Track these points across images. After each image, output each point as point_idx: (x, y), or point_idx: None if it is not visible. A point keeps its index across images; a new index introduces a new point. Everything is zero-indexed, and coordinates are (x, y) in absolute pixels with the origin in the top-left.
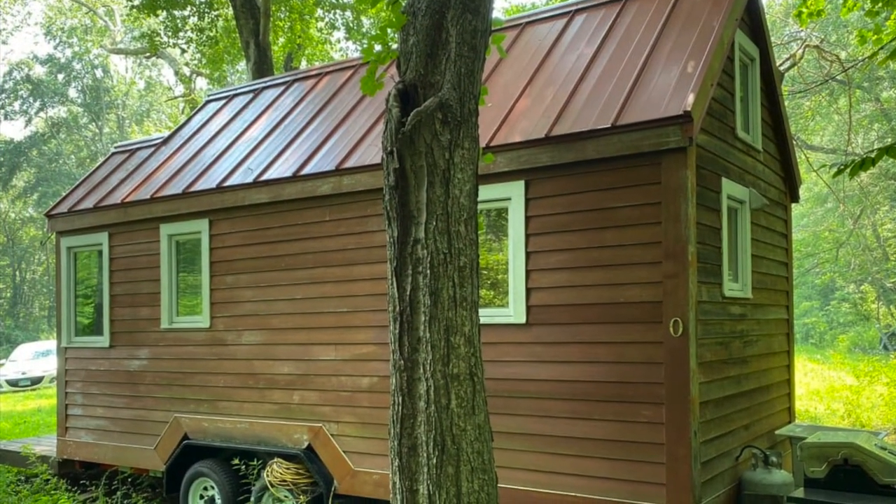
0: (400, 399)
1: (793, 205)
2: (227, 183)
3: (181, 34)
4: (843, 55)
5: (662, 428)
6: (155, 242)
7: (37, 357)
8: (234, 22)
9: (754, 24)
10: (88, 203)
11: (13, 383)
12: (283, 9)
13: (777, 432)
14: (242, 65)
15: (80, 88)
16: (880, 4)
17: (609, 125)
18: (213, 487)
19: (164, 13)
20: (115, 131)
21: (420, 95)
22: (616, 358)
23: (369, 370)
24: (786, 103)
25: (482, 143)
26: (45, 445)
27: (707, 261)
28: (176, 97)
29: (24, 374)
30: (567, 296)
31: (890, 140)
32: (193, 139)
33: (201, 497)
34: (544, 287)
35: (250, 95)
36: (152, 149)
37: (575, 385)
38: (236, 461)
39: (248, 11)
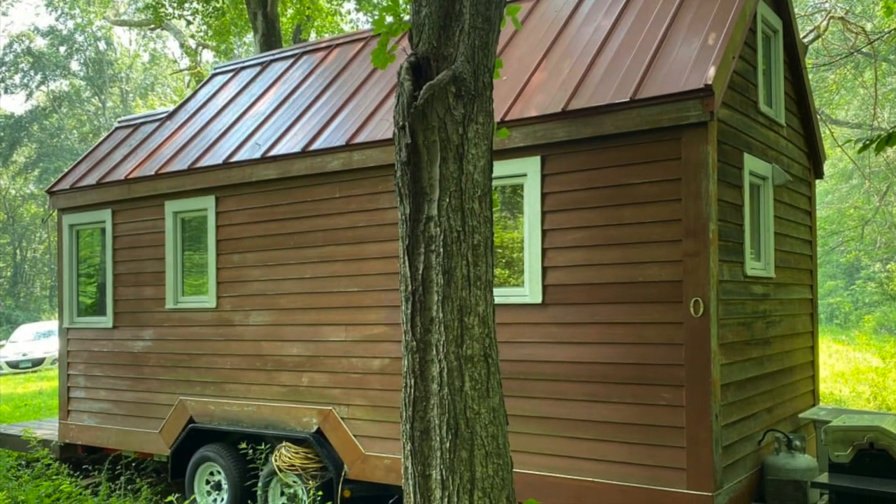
0: (412, 381)
1: (817, 181)
2: (234, 159)
3: (186, 5)
4: (868, 27)
5: (683, 411)
6: (160, 220)
7: (38, 338)
8: None
9: None
10: (91, 179)
11: (13, 365)
12: None
13: (801, 416)
14: (250, 37)
15: (82, 61)
16: None
17: (627, 99)
18: (219, 472)
19: None
20: (119, 105)
21: (433, 68)
22: (635, 339)
23: (380, 351)
24: (810, 77)
25: (497, 118)
26: (47, 429)
27: (728, 239)
28: (181, 70)
29: (24, 355)
30: (584, 275)
31: None
32: (199, 114)
33: (207, 482)
34: (561, 266)
35: (258, 68)
36: (157, 123)
37: (592, 367)
38: (243, 445)
39: None
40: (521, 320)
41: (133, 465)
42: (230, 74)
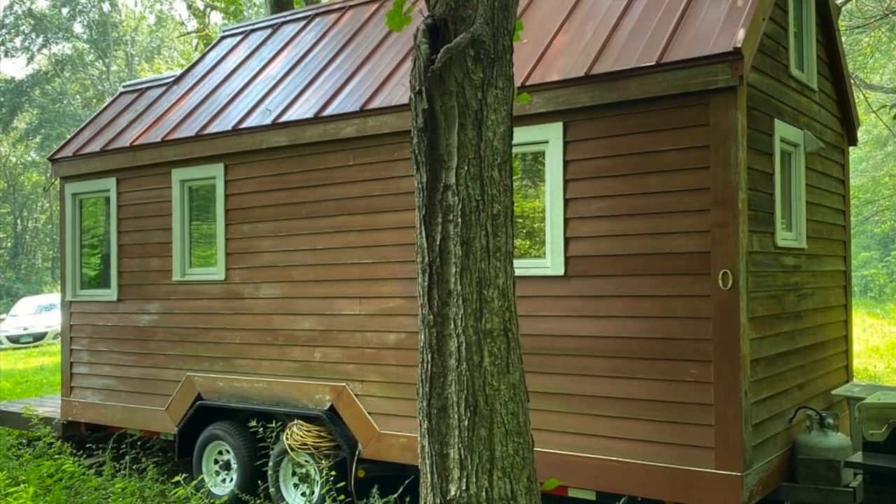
0: (429, 356)
1: (850, 148)
2: (244, 125)
3: None
4: None
5: (711, 387)
6: (166, 188)
7: (39, 312)
8: None
9: None
10: (95, 146)
11: (14, 340)
12: None
13: (833, 392)
14: None
15: (85, 23)
16: None
17: (653, 63)
18: (228, 451)
19: None
20: (124, 69)
21: (450, 31)
22: (661, 312)
23: (396, 325)
24: (843, 39)
25: (517, 83)
26: (49, 406)
27: (758, 208)
28: (188, 33)
29: (25, 329)
30: (608, 246)
31: None
32: (207, 78)
33: (216, 461)
34: (584, 236)
35: (268, 31)
36: (163, 88)
37: (617, 341)
38: (253, 423)
39: None
40: (542, 293)
41: (138, 443)
42: (239, 37)
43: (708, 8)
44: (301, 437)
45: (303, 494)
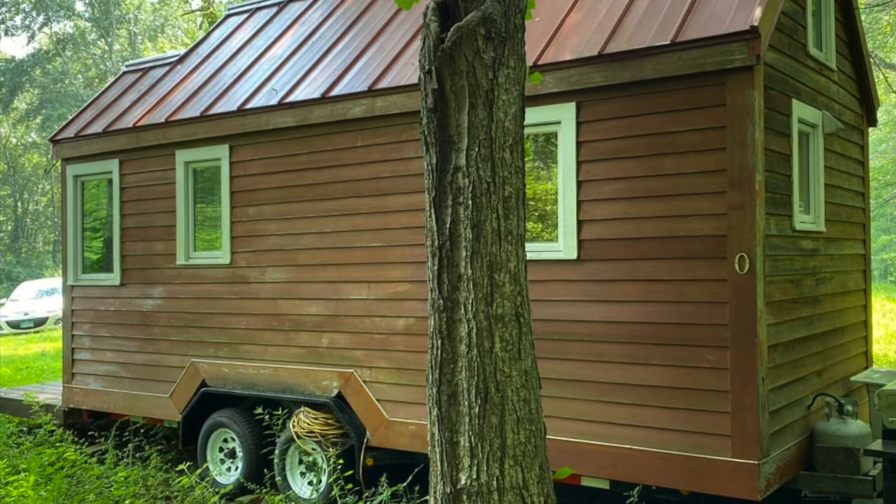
0: (439, 342)
1: (870, 129)
2: (250, 105)
3: None
4: None
5: (727, 374)
6: (170, 170)
7: (40, 296)
8: None
9: None
10: (97, 127)
11: (14, 325)
12: None
13: (853, 379)
14: None
15: (87, 1)
16: None
17: (668, 42)
18: (233, 439)
19: None
20: (127, 49)
21: (461, 9)
22: (676, 297)
23: (405, 310)
24: (862, 18)
25: (529, 62)
26: (50, 393)
27: (776, 190)
28: (193, 11)
29: (26, 314)
30: (622, 229)
31: None
32: (212, 57)
33: (221, 449)
34: (597, 219)
35: (274, 9)
36: (167, 68)
37: (631, 327)
38: (259, 410)
39: None
40: (554, 277)
41: (142, 431)
42: (245, 15)
43: None
44: (308, 424)
45: (310, 483)
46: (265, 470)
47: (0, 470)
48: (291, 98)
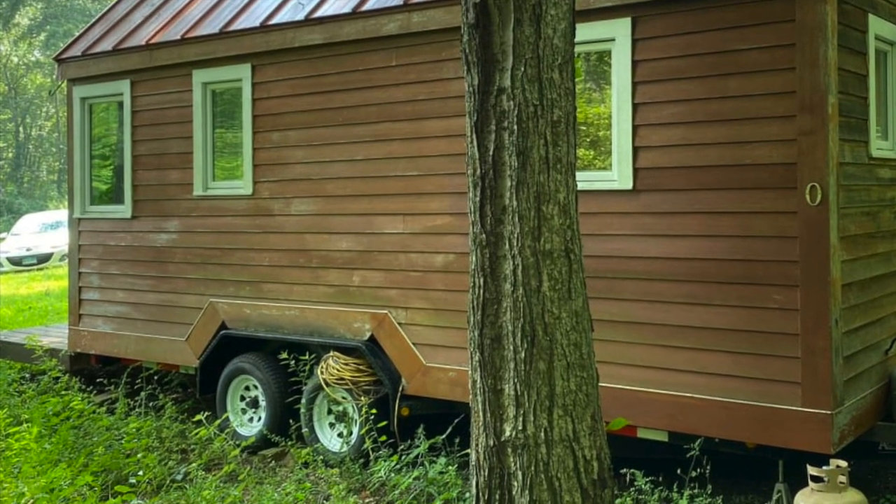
0: (481, 280)
1: None
2: (274, 20)
3: None
4: None
5: (797, 315)
6: (186, 92)
7: (44, 230)
8: None
9: None
10: (106, 45)
11: (16, 261)
12: None
13: None
14: None
15: None
16: None
17: None
18: (256, 387)
19: None
20: None
21: None
22: (741, 231)
23: (444, 246)
24: None
25: None
26: (55, 336)
27: (851, 114)
28: None
29: (28, 250)
30: (682, 156)
31: None
32: None
33: (242, 398)
34: (655, 146)
35: None
36: None
37: (692, 264)
38: (284, 355)
39: None
40: (608, 209)
41: (155, 378)
42: None
43: None
44: (338, 370)
45: (339, 435)
46: (291, 421)
47: (0, 421)
48: (319, 13)
